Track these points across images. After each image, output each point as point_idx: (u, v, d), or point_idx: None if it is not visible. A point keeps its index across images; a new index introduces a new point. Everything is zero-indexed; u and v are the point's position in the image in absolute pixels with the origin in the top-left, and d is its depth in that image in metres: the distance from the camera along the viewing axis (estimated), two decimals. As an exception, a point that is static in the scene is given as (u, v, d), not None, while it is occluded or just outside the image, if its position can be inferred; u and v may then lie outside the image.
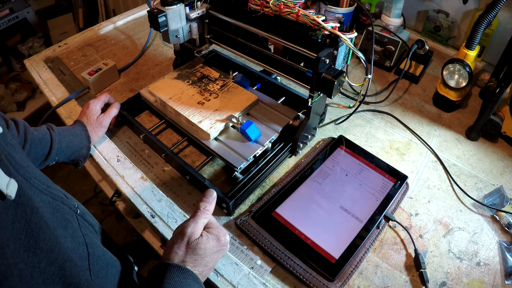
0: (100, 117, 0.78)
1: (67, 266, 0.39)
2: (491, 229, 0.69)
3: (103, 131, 0.80)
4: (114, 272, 0.50)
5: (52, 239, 0.38)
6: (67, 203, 0.48)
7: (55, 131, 0.70)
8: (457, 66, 0.87)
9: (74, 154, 0.73)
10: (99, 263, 0.48)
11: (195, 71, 0.91)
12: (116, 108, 0.82)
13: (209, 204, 0.55)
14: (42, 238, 0.37)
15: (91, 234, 0.50)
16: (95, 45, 1.13)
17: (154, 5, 0.77)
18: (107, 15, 2.39)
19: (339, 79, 0.65)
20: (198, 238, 0.51)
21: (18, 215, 0.35)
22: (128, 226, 1.14)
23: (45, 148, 0.67)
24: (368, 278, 0.62)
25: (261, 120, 0.79)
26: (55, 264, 0.38)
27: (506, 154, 0.84)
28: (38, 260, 0.36)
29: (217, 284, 0.60)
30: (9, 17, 2.11)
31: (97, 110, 0.79)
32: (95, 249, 0.48)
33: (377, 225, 0.67)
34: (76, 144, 0.72)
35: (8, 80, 2.17)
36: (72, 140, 0.72)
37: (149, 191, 0.73)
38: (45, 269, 0.36)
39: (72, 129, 0.74)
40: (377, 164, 0.77)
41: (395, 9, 1.02)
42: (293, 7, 0.67)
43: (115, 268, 0.51)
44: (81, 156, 0.74)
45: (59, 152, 0.69)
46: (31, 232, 0.36)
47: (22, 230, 0.35)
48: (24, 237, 0.35)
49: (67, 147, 0.70)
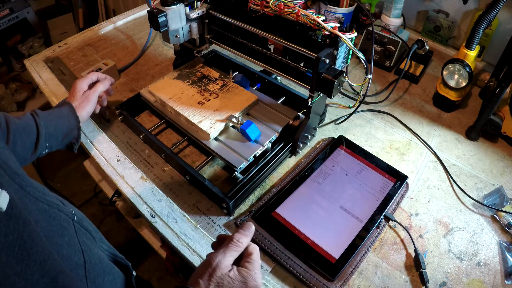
0: (86, 92, 0.76)
1: (59, 277, 0.39)
2: (491, 229, 0.69)
3: (91, 106, 0.76)
4: (111, 279, 0.50)
5: (45, 251, 0.38)
6: (63, 210, 0.47)
7: (39, 116, 0.66)
8: (457, 66, 0.87)
9: (66, 137, 0.70)
10: (96, 270, 0.47)
11: (195, 71, 0.91)
12: (102, 84, 0.78)
13: (244, 237, 0.50)
14: (35, 250, 0.36)
15: (87, 241, 0.50)
16: (95, 45, 1.13)
17: (154, 5, 0.77)
18: (107, 15, 2.39)
19: (339, 79, 0.65)
20: (224, 273, 0.47)
21: (11, 228, 0.35)
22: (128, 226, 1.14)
23: (31, 136, 0.64)
24: (368, 278, 0.62)
25: (261, 120, 0.79)
26: (48, 275, 0.37)
27: (506, 154, 0.84)
28: (31, 272, 0.35)
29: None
30: (9, 17, 2.11)
31: (84, 87, 0.76)
32: (92, 256, 0.48)
33: (377, 225, 0.67)
34: (66, 126, 0.70)
35: (8, 80, 2.17)
36: (59, 122, 0.69)
37: (149, 191, 0.73)
38: (37, 281, 0.36)
39: (58, 111, 0.71)
40: (377, 164, 0.77)
41: (395, 9, 1.02)
42: (293, 7, 0.67)
43: (112, 275, 0.51)
44: (73, 138, 0.72)
45: (48, 137, 0.66)
46: (23, 244, 0.35)
47: (15, 242, 0.35)
48: (17, 250, 0.35)
49: (55, 130, 0.68)
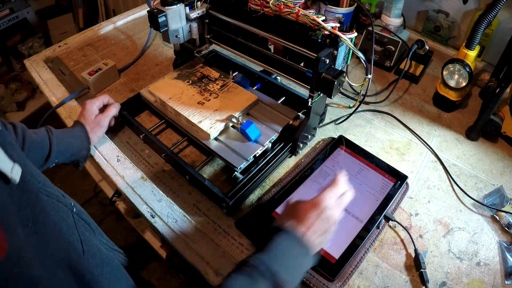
0: (98, 117, 0.78)
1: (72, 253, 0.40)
2: (491, 229, 0.69)
3: (102, 131, 0.79)
4: (109, 271, 0.51)
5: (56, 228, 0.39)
6: (62, 201, 0.48)
7: (54, 134, 0.69)
8: (457, 66, 0.87)
9: (74, 155, 0.73)
10: (94, 261, 0.48)
11: (195, 71, 0.91)
12: (115, 108, 0.81)
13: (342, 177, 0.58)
14: (48, 225, 0.38)
15: (86, 232, 0.50)
16: (95, 45, 1.13)
17: (154, 5, 0.77)
18: (107, 15, 2.39)
19: (339, 79, 0.65)
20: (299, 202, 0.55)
21: (23, 202, 0.36)
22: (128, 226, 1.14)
23: (44, 151, 0.67)
24: (368, 278, 0.62)
25: (261, 120, 0.79)
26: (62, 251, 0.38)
27: (506, 154, 0.84)
28: (46, 245, 0.36)
29: (217, 284, 0.60)
30: (9, 17, 2.11)
31: (94, 110, 0.79)
32: (90, 246, 0.49)
33: (377, 225, 0.67)
34: (76, 146, 0.72)
35: (8, 80, 2.17)
36: (71, 142, 0.72)
37: (149, 191, 0.73)
38: (53, 254, 0.37)
39: (71, 131, 0.74)
40: (377, 164, 0.77)
41: (395, 9, 1.02)
42: (293, 7, 0.67)
43: (111, 266, 0.52)
44: (81, 157, 0.74)
45: (58, 154, 0.69)
46: (37, 218, 0.36)
47: (29, 216, 0.36)
48: (32, 224, 0.36)
49: (66, 149, 0.70)
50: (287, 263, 0.49)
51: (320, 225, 0.52)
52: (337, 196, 0.55)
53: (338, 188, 0.56)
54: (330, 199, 0.54)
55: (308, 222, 0.52)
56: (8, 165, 0.35)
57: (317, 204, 0.53)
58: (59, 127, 0.74)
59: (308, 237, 0.51)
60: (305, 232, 0.51)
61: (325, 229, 0.53)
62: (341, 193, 0.56)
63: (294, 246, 0.50)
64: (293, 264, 0.50)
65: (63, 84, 0.97)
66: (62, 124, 0.89)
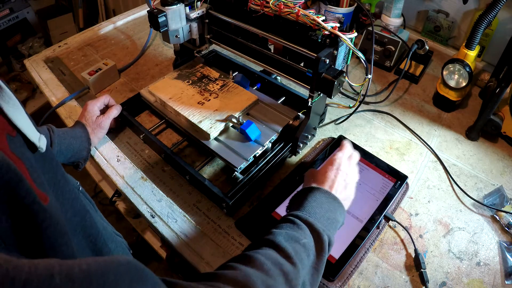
0: (99, 118, 0.78)
1: (87, 217, 0.41)
2: (491, 229, 0.69)
3: (102, 133, 0.79)
4: (114, 247, 0.52)
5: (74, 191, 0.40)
6: (70, 179, 0.49)
7: (55, 133, 0.69)
8: (457, 66, 0.87)
9: (74, 156, 0.72)
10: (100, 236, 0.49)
11: (195, 71, 0.91)
12: (116, 110, 0.81)
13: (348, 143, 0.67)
14: (67, 189, 0.39)
15: (91, 210, 0.52)
16: (95, 45, 1.13)
17: (154, 5, 0.77)
18: (107, 15, 2.39)
19: (339, 79, 0.65)
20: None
21: (47, 167, 0.37)
22: (128, 226, 1.14)
23: None
24: (368, 278, 0.62)
25: (261, 120, 0.79)
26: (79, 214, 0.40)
27: (506, 154, 0.84)
28: (66, 209, 0.37)
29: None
30: (9, 17, 2.11)
31: (95, 111, 0.78)
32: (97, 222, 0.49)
33: (377, 225, 0.67)
34: (76, 147, 0.72)
35: (8, 80, 2.17)
36: (72, 142, 0.71)
37: (149, 191, 0.73)
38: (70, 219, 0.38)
39: (72, 131, 0.73)
40: (377, 164, 0.77)
41: (395, 9, 1.02)
42: (293, 7, 0.67)
43: (115, 243, 0.53)
44: (81, 158, 0.74)
45: (58, 154, 0.69)
46: (58, 183, 0.38)
47: (51, 180, 0.37)
48: (53, 187, 0.37)
49: (67, 149, 0.70)
50: (322, 215, 0.53)
51: (340, 180, 0.59)
52: (346, 156, 0.63)
53: (345, 150, 0.64)
54: (340, 158, 0.62)
55: (329, 180, 0.58)
56: (36, 135, 0.36)
57: (330, 164, 0.61)
58: (59, 127, 0.74)
59: (334, 192, 0.57)
60: (330, 188, 0.57)
61: (345, 183, 0.59)
62: (349, 154, 0.64)
63: (325, 200, 0.55)
64: (328, 216, 0.53)
65: (63, 84, 0.97)
66: (62, 124, 0.89)
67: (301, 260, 0.46)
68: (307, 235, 0.49)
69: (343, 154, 0.63)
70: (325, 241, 0.50)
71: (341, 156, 0.62)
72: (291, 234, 0.48)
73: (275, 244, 0.46)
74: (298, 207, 0.54)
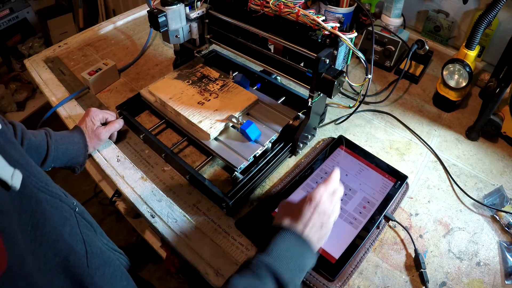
0: (99, 129, 0.77)
1: (71, 257, 0.39)
2: (491, 229, 0.69)
3: (99, 144, 0.78)
4: (111, 271, 0.51)
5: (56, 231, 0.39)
6: (65, 201, 0.48)
7: (52, 138, 0.69)
8: (457, 66, 0.87)
9: (71, 161, 0.72)
10: (97, 261, 0.48)
11: (195, 71, 0.91)
12: (117, 124, 0.80)
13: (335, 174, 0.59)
14: (47, 229, 0.37)
15: (89, 232, 0.50)
16: (95, 45, 1.13)
17: (154, 5, 0.77)
18: (107, 15, 2.39)
19: (339, 79, 0.65)
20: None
21: (24, 206, 0.35)
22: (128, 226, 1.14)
23: (41, 155, 0.66)
24: (368, 278, 0.62)
25: (261, 120, 0.79)
26: (60, 255, 0.38)
27: (506, 154, 0.84)
28: (44, 251, 0.36)
29: (217, 284, 0.60)
30: (9, 17, 2.11)
31: (96, 121, 0.77)
32: (93, 247, 0.48)
33: (377, 225, 0.67)
34: (73, 152, 0.72)
35: (8, 80, 2.17)
36: (69, 147, 0.71)
37: (149, 191, 0.73)
38: (50, 260, 0.36)
39: (70, 136, 0.73)
40: (377, 164, 0.77)
41: (395, 9, 1.02)
42: (293, 7, 0.67)
43: (112, 267, 0.52)
44: (77, 164, 0.74)
45: (55, 159, 0.69)
46: (36, 223, 0.36)
47: (28, 221, 0.35)
48: (31, 229, 0.35)
49: (63, 154, 0.70)
50: (289, 261, 0.49)
51: (316, 220, 0.53)
52: (328, 192, 0.56)
53: (329, 184, 0.56)
54: (321, 194, 0.55)
55: (305, 218, 0.53)
56: (9, 171, 0.34)
57: (309, 200, 0.54)
58: (59, 127, 0.74)
59: (306, 233, 0.52)
60: (303, 228, 0.52)
61: (321, 223, 0.54)
62: (333, 190, 0.57)
63: (294, 243, 0.51)
64: (295, 262, 0.50)
65: (63, 84, 0.97)
66: (62, 124, 0.89)
67: None
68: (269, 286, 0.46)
69: (325, 190, 0.55)
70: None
71: (322, 192, 0.55)
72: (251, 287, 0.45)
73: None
74: (265, 248, 0.50)
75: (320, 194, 0.55)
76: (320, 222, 0.53)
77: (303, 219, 0.53)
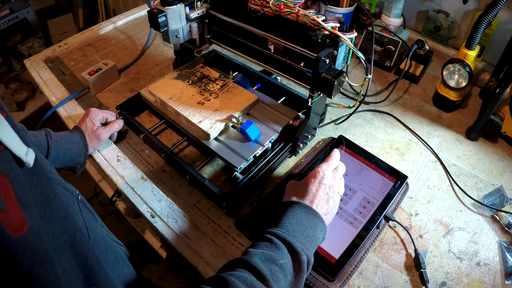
0: (99, 130, 0.77)
1: (77, 235, 0.40)
2: (491, 229, 0.69)
3: (99, 144, 0.78)
4: (113, 258, 0.51)
5: (64, 208, 0.39)
6: (68, 188, 0.48)
7: (52, 138, 0.69)
8: (457, 66, 0.87)
9: (71, 161, 0.72)
10: (99, 247, 0.49)
11: (195, 71, 0.91)
12: (117, 124, 0.80)
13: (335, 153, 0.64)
14: (56, 206, 0.38)
15: (91, 220, 0.51)
16: (95, 45, 1.13)
17: (154, 5, 0.77)
18: (107, 15, 2.39)
19: (339, 79, 0.65)
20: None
21: (34, 183, 0.36)
22: (128, 226, 1.14)
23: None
24: (368, 278, 0.62)
25: (261, 120, 0.79)
26: (67, 232, 0.38)
27: (506, 154, 0.84)
28: (53, 228, 0.36)
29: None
30: (9, 17, 2.11)
31: (96, 121, 0.77)
32: (95, 233, 0.49)
33: (377, 225, 0.67)
34: (74, 152, 0.72)
35: (8, 80, 2.17)
36: (69, 148, 0.71)
37: (149, 191, 0.73)
38: (57, 237, 0.37)
39: (71, 136, 0.73)
40: (377, 164, 0.77)
41: (395, 9, 1.02)
42: (293, 7, 0.67)
43: (114, 253, 0.52)
44: (78, 164, 0.74)
45: (55, 159, 0.69)
46: (46, 199, 0.37)
47: (39, 197, 0.36)
48: (41, 205, 0.36)
49: (64, 154, 0.70)
50: (301, 233, 0.51)
51: (322, 194, 0.57)
52: (330, 168, 0.60)
53: (331, 161, 0.61)
54: (324, 170, 0.59)
55: (311, 193, 0.56)
56: (23, 149, 0.35)
57: (313, 176, 0.58)
58: (59, 127, 0.74)
59: (315, 207, 0.55)
60: (311, 203, 0.55)
61: (327, 197, 0.57)
62: (335, 166, 0.61)
63: (304, 216, 0.53)
64: (307, 233, 0.52)
65: (63, 84, 0.97)
66: (62, 124, 0.89)
67: (277, 282, 0.45)
68: (284, 255, 0.48)
69: (327, 166, 0.60)
70: (304, 262, 0.49)
71: (325, 168, 0.60)
72: (268, 255, 0.47)
73: (250, 266, 0.45)
74: (277, 223, 0.52)
75: (323, 170, 0.59)
76: (326, 196, 0.57)
77: (309, 194, 0.56)
